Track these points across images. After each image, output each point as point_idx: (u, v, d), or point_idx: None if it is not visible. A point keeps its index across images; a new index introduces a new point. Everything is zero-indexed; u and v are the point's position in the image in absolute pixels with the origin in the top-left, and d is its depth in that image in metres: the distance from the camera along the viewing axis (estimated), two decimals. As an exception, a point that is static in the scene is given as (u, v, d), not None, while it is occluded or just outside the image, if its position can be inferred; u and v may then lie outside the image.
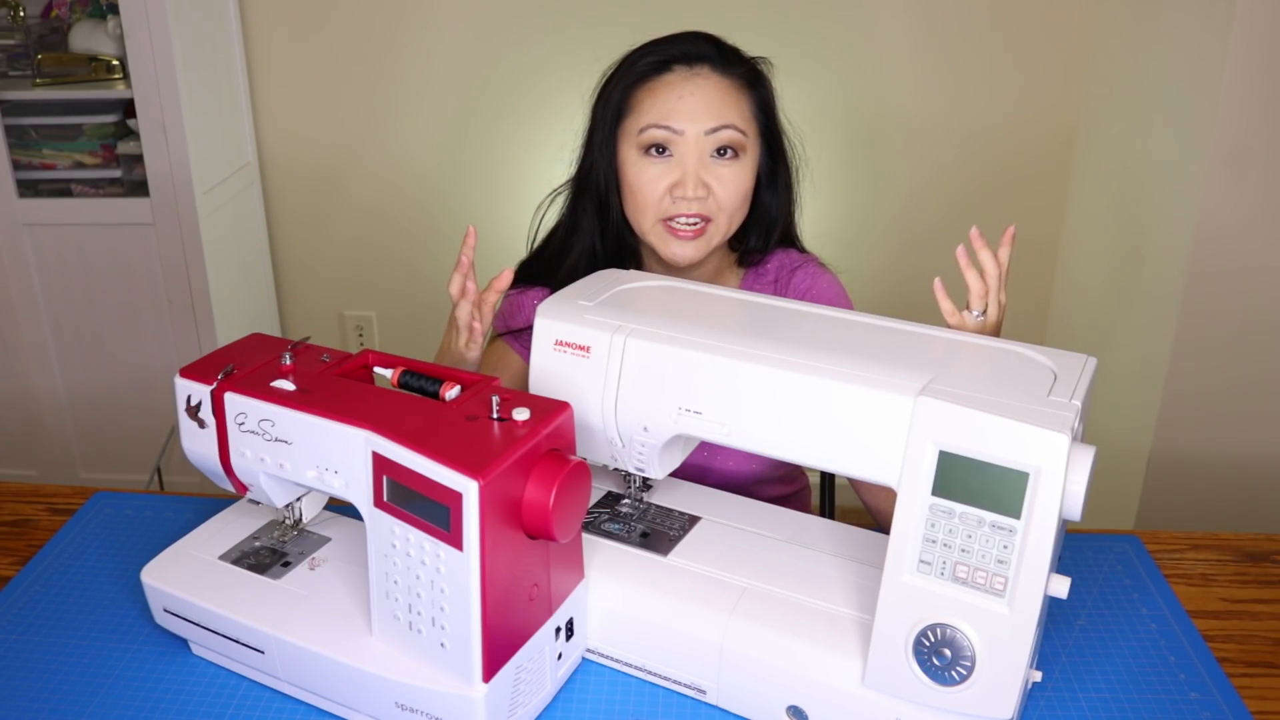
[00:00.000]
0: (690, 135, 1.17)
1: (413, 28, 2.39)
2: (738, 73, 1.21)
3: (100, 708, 0.91)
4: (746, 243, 1.29)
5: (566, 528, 0.82)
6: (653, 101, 1.18)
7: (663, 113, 1.17)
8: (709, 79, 1.19)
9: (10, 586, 1.07)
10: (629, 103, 1.21)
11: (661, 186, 1.18)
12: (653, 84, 1.19)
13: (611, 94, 1.22)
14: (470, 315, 1.11)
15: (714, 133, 1.17)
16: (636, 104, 1.20)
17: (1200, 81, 1.78)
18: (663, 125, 1.17)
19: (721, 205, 1.19)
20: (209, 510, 1.14)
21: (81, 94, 2.21)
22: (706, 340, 0.90)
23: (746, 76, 1.21)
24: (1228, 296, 1.81)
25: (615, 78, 1.23)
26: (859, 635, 0.87)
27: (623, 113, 1.21)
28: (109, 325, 2.34)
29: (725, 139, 1.18)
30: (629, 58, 1.23)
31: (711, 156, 1.18)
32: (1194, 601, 1.06)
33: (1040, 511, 0.76)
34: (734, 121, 1.18)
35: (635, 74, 1.20)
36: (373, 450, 0.83)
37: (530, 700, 0.88)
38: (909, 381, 0.82)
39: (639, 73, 1.20)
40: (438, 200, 2.53)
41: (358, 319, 2.67)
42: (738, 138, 1.18)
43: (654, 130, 1.17)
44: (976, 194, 2.42)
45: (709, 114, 1.17)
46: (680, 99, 1.17)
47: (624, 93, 1.21)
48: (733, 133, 1.18)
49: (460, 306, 1.11)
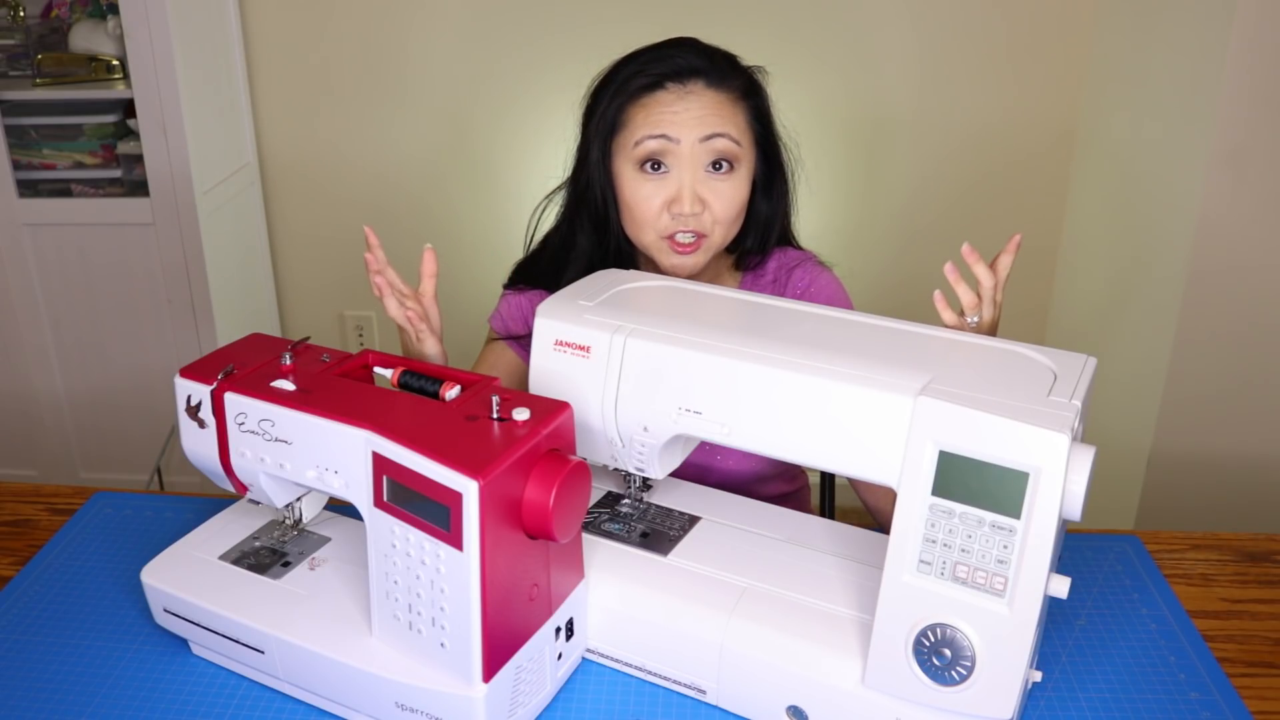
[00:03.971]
0: (685, 144, 1.16)
1: (412, 28, 2.39)
2: (732, 84, 1.20)
3: (100, 708, 0.91)
4: (743, 245, 1.29)
5: (566, 528, 0.82)
6: (645, 116, 1.18)
7: (657, 124, 1.17)
8: (703, 94, 1.18)
9: (10, 586, 1.07)
10: (622, 119, 1.20)
11: (658, 203, 1.18)
12: (645, 100, 1.18)
13: (605, 110, 1.21)
14: (399, 309, 1.14)
15: (709, 140, 1.16)
16: (629, 119, 1.19)
17: (1200, 81, 1.78)
18: (657, 134, 1.16)
19: (718, 219, 1.19)
20: (209, 510, 1.14)
21: (81, 94, 2.21)
22: (706, 340, 0.90)
23: (741, 88, 1.20)
24: (1228, 296, 1.81)
25: (606, 92, 1.22)
26: (859, 635, 0.87)
27: (616, 128, 1.20)
28: (109, 325, 2.34)
29: (720, 149, 1.17)
30: (619, 70, 1.22)
31: (707, 170, 1.17)
32: (1194, 601, 1.06)
33: (1040, 511, 0.76)
34: (729, 131, 1.17)
35: (628, 91, 1.19)
36: (373, 450, 0.83)
37: (530, 700, 0.88)
38: (909, 381, 0.82)
39: (631, 90, 1.19)
40: (438, 200, 2.53)
41: (358, 319, 2.67)
42: (733, 148, 1.18)
43: (649, 141, 1.16)
44: (976, 194, 2.42)
45: (703, 124, 1.16)
46: (676, 113, 1.17)
47: (617, 109, 1.20)
48: (727, 143, 1.17)
49: (386, 304, 1.14)
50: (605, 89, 1.22)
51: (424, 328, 1.15)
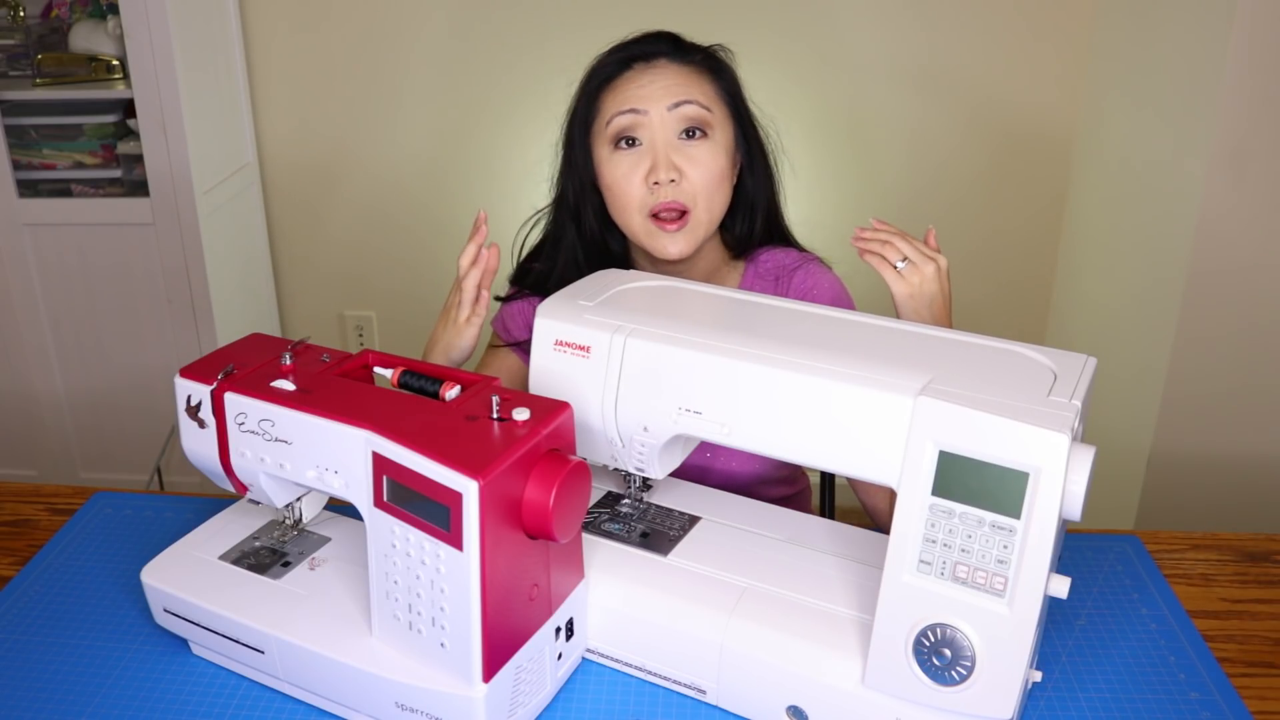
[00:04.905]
0: (654, 114, 1.18)
1: (412, 28, 2.39)
2: (695, 59, 1.23)
3: (100, 708, 0.91)
4: (733, 230, 1.29)
5: (566, 528, 0.82)
6: (614, 96, 1.21)
7: (625, 100, 1.20)
8: (667, 68, 1.21)
9: (10, 586, 1.07)
10: (595, 106, 1.23)
11: (636, 177, 1.19)
12: (615, 83, 1.22)
13: (580, 103, 1.25)
14: (478, 285, 1.13)
15: (677, 108, 1.18)
16: (601, 104, 1.22)
17: (1200, 80, 1.78)
18: (626, 110, 1.19)
19: (697, 188, 1.20)
20: (209, 510, 1.14)
21: (81, 94, 2.21)
22: (707, 340, 0.90)
23: (706, 63, 1.24)
24: (1228, 296, 1.81)
25: (580, 90, 1.26)
26: (859, 635, 0.87)
27: (591, 117, 1.23)
28: (109, 325, 2.34)
29: (690, 115, 1.19)
30: (591, 68, 1.25)
31: (680, 138, 1.19)
32: (1194, 601, 1.06)
33: (1040, 511, 0.76)
34: (696, 98, 1.19)
35: (598, 80, 1.23)
36: (373, 450, 0.83)
37: (530, 700, 0.88)
38: (909, 381, 0.82)
39: (601, 77, 1.23)
40: (438, 200, 2.53)
41: (358, 319, 2.67)
42: (703, 114, 1.19)
43: (619, 118, 1.19)
44: (976, 193, 2.42)
45: (669, 93, 1.19)
46: (642, 87, 1.20)
47: (590, 98, 1.23)
48: (696, 109, 1.19)
49: (470, 275, 1.13)
50: (582, 87, 1.26)
51: (483, 311, 1.15)
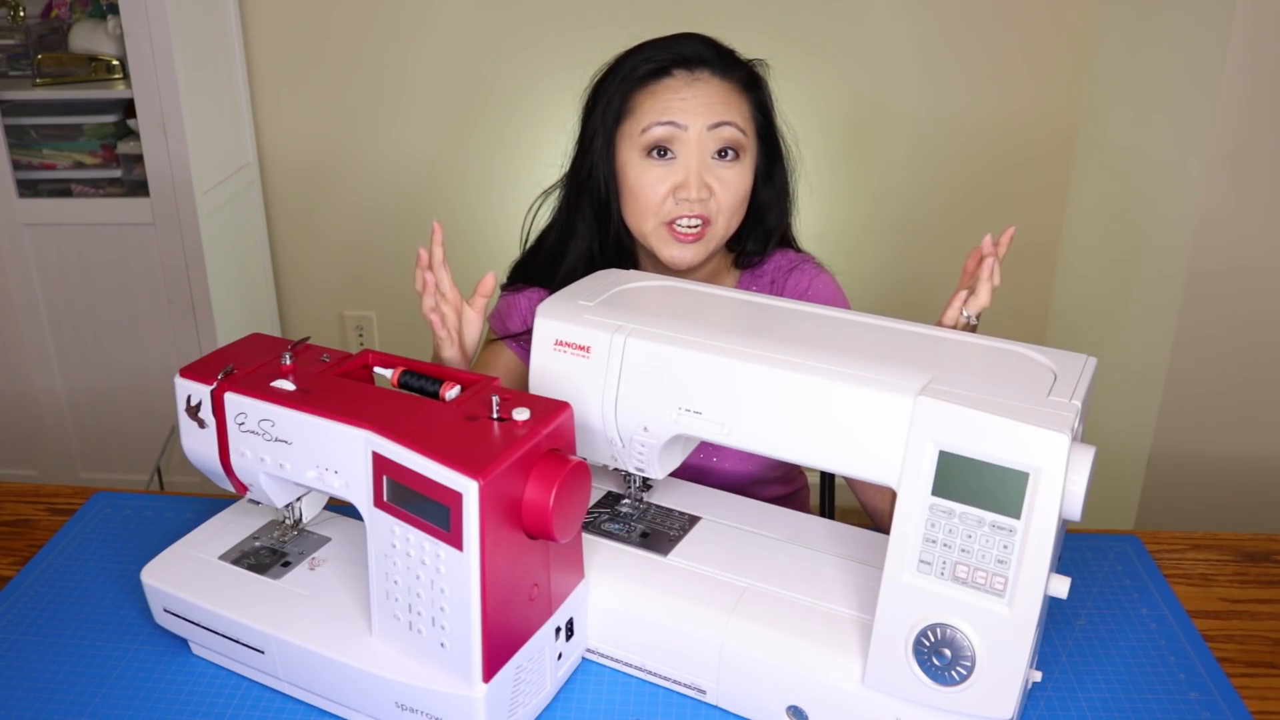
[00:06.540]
0: (693, 131, 1.17)
1: (412, 28, 2.39)
2: (737, 75, 1.21)
3: (100, 708, 0.91)
4: (744, 245, 1.29)
5: (566, 528, 0.82)
6: (653, 103, 1.18)
7: (665, 110, 1.17)
8: (710, 82, 1.19)
9: (10, 586, 1.07)
10: (629, 106, 1.20)
11: (664, 189, 1.18)
12: (653, 87, 1.19)
13: (611, 97, 1.21)
14: (433, 309, 1.11)
15: (716, 128, 1.17)
16: (637, 106, 1.19)
17: (1200, 80, 1.78)
18: (665, 121, 1.17)
19: (722, 207, 1.19)
20: (209, 510, 1.14)
21: (81, 94, 2.21)
22: (706, 340, 0.90)
23: (745, 79, 1.22)
24: (1228, 296, 1.81)
25: (612, 80, 1.22)
26: (859, 635, 0.87)
27: (622, 115, 1.21)
28: (109, 325, 2.34)
29: (727, 137, 1.18)
30: (626, 60, 1.23)
31: (713, 158, 1.18)
32: (1194, 601, 1.06)
33: (1040, 511, 0.76)
34: (735, 120, 1.18)
35: (635, 78, 1.20)
36: (373, 450, 0.83)
37: (530, 700, 0.88)
38: (909, 381, 0.82)
39: (639, 76, 1.20)
40: (438, 200, 2.53)
41: (358, 319, 2.67)
42: (739, 137, 1.18)
43: (657, 128, 1.17)
44: (976, 194, 2.42)
45: (711, 112, 1.17)
46: (684, 100, 1.17)
47: (624, 96, 1.20)
48: (734, 131, 1.18)
49: (424, 300, 1.11)
50: (611, 77, 1.23)
51: (446, 335, 1.12)
